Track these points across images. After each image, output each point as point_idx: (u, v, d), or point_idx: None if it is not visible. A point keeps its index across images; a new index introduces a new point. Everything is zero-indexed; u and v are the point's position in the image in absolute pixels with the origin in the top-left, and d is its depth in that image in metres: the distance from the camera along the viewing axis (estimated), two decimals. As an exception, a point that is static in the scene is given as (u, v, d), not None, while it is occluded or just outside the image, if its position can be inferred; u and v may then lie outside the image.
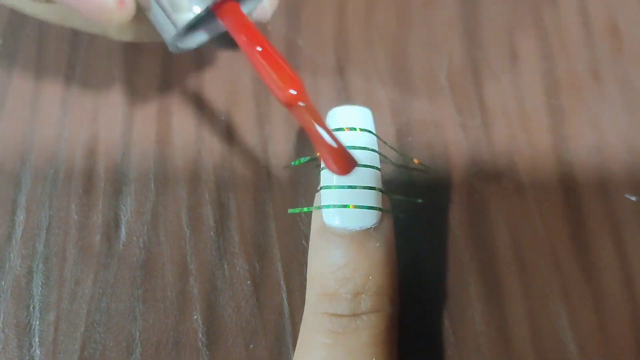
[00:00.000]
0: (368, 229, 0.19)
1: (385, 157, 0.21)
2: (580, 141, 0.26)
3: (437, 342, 0.23)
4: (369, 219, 0.19)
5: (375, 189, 0.20)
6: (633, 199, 0.25)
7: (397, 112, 0.26)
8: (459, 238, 0.24)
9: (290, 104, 0.18)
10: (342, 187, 0.20)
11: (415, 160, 0.25)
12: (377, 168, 0.20)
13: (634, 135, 0.26)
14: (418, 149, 0.26)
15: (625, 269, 0.24)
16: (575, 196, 0.25)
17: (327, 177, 0.20)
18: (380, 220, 0.20)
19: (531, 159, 0.26)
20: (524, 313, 0.23)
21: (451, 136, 0.26)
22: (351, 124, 0.20)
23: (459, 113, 0.26)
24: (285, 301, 0.23)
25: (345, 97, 0.27)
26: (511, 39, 0.28)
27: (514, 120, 0.26)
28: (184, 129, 0.26)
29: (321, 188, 0.20)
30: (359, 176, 0.20)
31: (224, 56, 0.27)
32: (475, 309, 0.23)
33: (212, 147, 0.26)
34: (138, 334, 0.22)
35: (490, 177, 0.25)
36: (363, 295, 0.19)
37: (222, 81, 0.27)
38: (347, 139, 0.20)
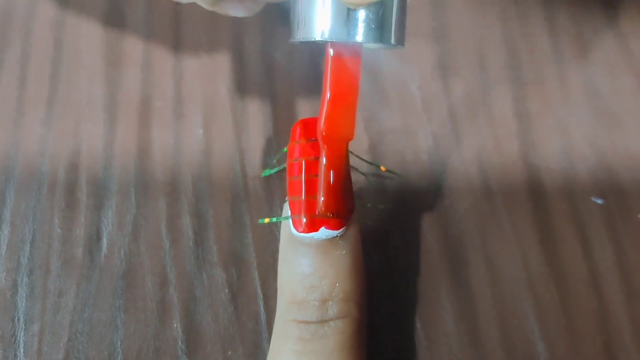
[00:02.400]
0: (334, 238, 0.20)
1: (352, 167, 0.22)
2: (548, 146, 0.27)
3: (409, 344, 0.23)
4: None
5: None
6: (599, 202, 0.26)
7: (369, 122, 0.27)
8: (430, 242, 0.25)
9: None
10: (310, 197, 0.20)
11: (382, 168, 0.25)
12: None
13: (599, 140, 0.27)
14: (390, 157, 0.27)
15: (592, 270, 0.25)
16: (543, 200, 0.26)
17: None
18: (346, 229, 0.20)
19: (500, 164, 0.26)
20: (494, 314, 0.24)
21: (422, 144, 0.27)
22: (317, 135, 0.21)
23: (430, 121, 0.27)
24: (262, 308, 0.24)
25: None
26: (479, 48, 0.29)
27: (483, 127, 0.27)
28: (163, 142, 0.27)
29: (288, 198, 0.21)
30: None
31: (202, 70, 0.28)
32: (447, 311, 0.24)
33: (191, 159, 0.26)
34: (119, 343, 0.23)
35: (460, 183, 0.26)
36: (330, 302, 0.20)
37: (200, 94, 0.28)
38: (313, 149, 0.21)
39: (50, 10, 0.30)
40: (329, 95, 0.20)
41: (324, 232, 0.20)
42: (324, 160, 0.20)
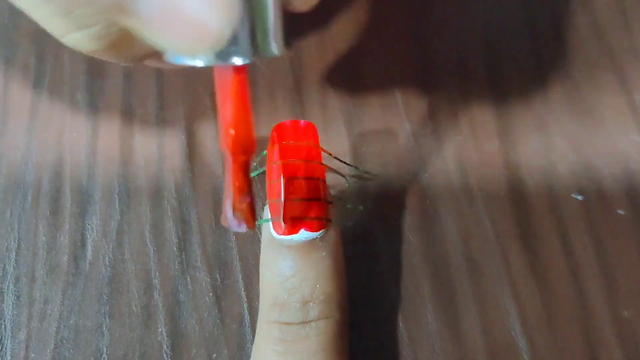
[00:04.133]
0: (314, 239, 0.21)
1: (331, 168, 0.22)
2: (527, 144, 0.27)
3: (392, 342, 0.24)
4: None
5: (320, 200, 0.21)
6: (579, 198, 0.26)
7: (351, 123, 0.28)
8: (412, 242, 0.25)
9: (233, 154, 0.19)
10: (289, 199, 0.21)
11: (359, 167, 0.26)
12: (321, 180, 0.21)
13: (579, 137, 0.27)
14: (371, 158, 0.27)
15: (572, 266, 0.25)
16: (523, 197, 0.26)
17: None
18: (326, 230, 0.21)
19: (480, 163, 0.27)
20: (475, 311, 0.24)
21: (403, 145, 0.27)
22: (296, 137, 0.22)
23: (411, 122, 0.28)
24: (246, 311, 0.24)
25: (301, 111, 0.28)
26: (460, 48, 0.29)
27: (464, 127, 0.27)
28: (146, 149, 0.27)
29: (268, 201, 0.21)
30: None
31: (184, 76, 0.28)
32: (429, 309, 0.24)
33: (174, 165, 0.27)
34: (105, 349, 0.23)
35: (441, 182, 0.26)
36: (311, 303, 0.20)
37: (182, 101, 0.28)
38: (292, 152, 0.21)
39: (33, 22, 0.30)
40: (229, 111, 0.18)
41: (303, 234, 0.20)
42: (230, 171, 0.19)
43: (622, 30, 0.29)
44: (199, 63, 0.17)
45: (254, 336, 0.23)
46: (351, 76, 0.29)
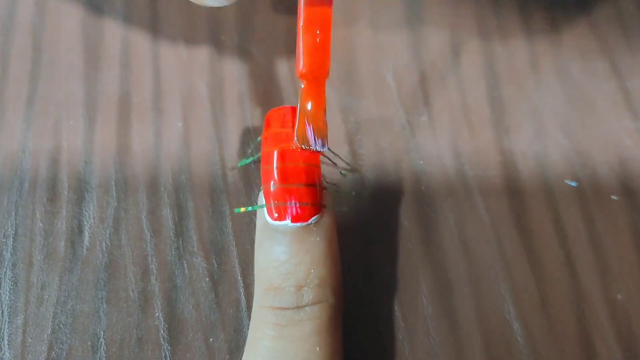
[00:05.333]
0: (308, 225, 0.21)
1: (325, 155, 0.22)
2: (521, 131, 0.27)
3: (387, 326, 0.24)
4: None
5: (314, 186, 0.21)
6: (573, 184, 0.26)
7: (346, 112, 0.28)
8: (407, 228, 0.25)
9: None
10: (283, 185, 0.21)
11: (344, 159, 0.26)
12: (315, 165, 0.21)
13: (572, 124, 0.27)
14: (367, 146, 0.27)
15: (566, 251, 0.25)
16: (517, 183, 0.26)
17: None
18: (321, 216, 0.21)
19: (474, 150, 0.27)
20: (470, 296, 0.24)
21: (398, 133, 0.27)
22: (289, 124, 0.22)
23: (405, 111, 0.28)
24: (243, 295, 0.24)
25: (296, 100, 0.28)
26: (453, 37, 0.29)
27: (458, 115, 0.28)
28: (143, 136, 0.27)
29: (262, 187, 0.21)
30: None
31: (180, 65, 0.29)
32: (424, 293, 0.24)
33: (170, 152, 0.27)
34: (102, 333, 0.24)
35: (436, 169, 0.27)
36: (305, 288, 0.20)
37: (178, 89, 0.28)
38: (286, 138, 0.21)
39: (29, 14, 0.30)
40: (302, 37, 0.20)
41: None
42: (303, 97, 0.21)
43: (614, 17, 0.30)
44: None
45: (250, 321, 0.24)
46: (345, 64, 0.29)
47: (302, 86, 0.21)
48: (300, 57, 0.21)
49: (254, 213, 0.25)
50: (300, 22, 0.21)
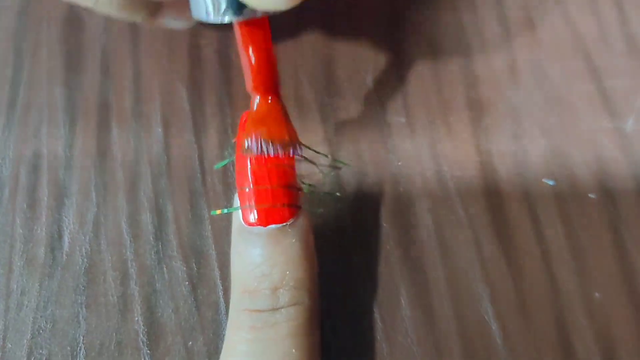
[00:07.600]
0: (284, 226, 0.21)
1: (302, 156, 0.23)
2: (499, 131, 0.27)
3: (365, 327, 0.24)
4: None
5: (289, 187, 0.21)
6: (551, 183, 0.26)
7: (325, 112, 0.28)
8: (385, 228, 0.26)
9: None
10: (258, 187, 0.21)
11: (328, 156, 0.26)
12: (290, 166, 0.21)
13: (550, 123, 0.28)
14: (346, 147, 0.27)
15: (544, 250, 0.25)
16: (495, 183, 0.26)
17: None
18: (296, 217, 0.21)
19: (452, 149, 0.27)
20: (448, 297, 0.24)
21: (377, 133, 0.27)
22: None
23: (384, 111, 0.28)
24: (222, 299, 0.24)
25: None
26: (431, 37, 0.29)
27: (436, 115, 0.28)
28: (123, 141, 0.27)
29: (237, 189, 0.21)
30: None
31: (160, 70, 0.29)
32: (402, 294, 0.25)
33: (150, 157, 0.27)
34: (82, 338, 0.24)
35: (414, 170, 0.27)
36: (281, 290, 0.20)
37: (158, 94, 0.28)
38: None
39: (12, 21, 0.30)
40: (252, 60, 0.21)
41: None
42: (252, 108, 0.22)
43: (591, 17, 0.30)
44: (227, 19, 0.20)
45: (228, 323, 0.24)
46: (325, 65, 0.29)
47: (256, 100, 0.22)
48: (248, 74, 0.22)
49: (232, 216, 0.25)
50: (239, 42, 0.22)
